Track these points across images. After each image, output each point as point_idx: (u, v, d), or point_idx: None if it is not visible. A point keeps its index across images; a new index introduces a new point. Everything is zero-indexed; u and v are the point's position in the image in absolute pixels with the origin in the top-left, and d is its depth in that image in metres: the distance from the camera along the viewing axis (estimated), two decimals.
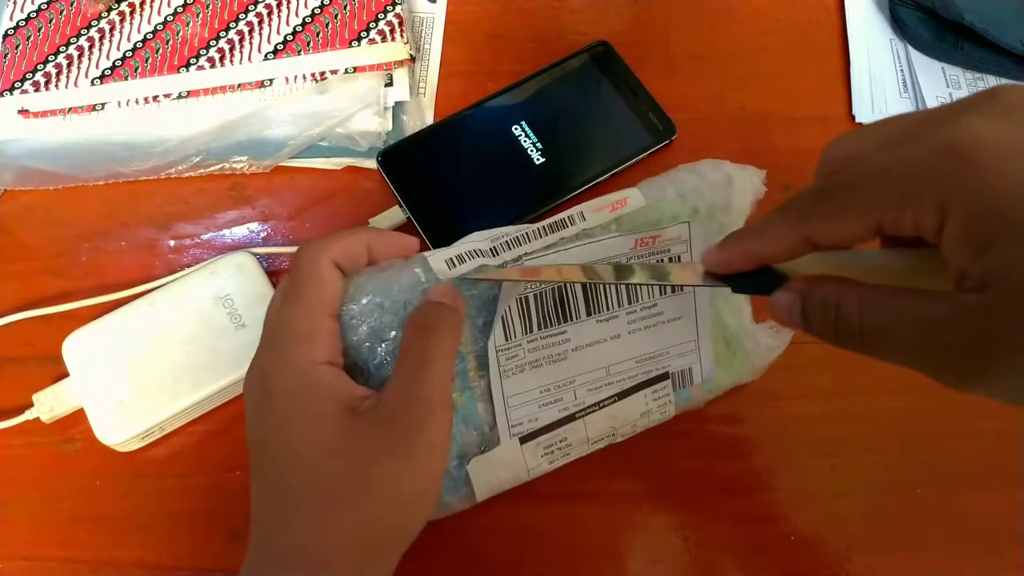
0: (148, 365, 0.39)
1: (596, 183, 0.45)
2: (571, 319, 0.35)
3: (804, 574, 0.38)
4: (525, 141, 0.46)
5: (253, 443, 0.30)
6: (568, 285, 0.34)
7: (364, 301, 0.32)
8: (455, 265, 0.33)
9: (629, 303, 0.36)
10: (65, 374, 0.39)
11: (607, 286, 0.35)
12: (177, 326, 0.40)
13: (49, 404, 0.39)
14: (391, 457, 0.28)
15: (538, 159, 0.45)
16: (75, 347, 0.39)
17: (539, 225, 0.34)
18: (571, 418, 0.36)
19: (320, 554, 0.28)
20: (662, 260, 0.35)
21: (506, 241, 0.34)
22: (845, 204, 0.23)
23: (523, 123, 0.46)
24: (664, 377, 0.37)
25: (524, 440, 0.35)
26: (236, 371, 0.39)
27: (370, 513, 0.28)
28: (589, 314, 0.35)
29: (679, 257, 0.35)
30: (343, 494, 0.28)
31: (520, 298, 0.34)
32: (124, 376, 0.39)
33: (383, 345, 0.32)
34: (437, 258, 0.33)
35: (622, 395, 0.36)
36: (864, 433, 0.40)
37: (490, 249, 0.34)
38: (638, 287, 0.35)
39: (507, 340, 0.34)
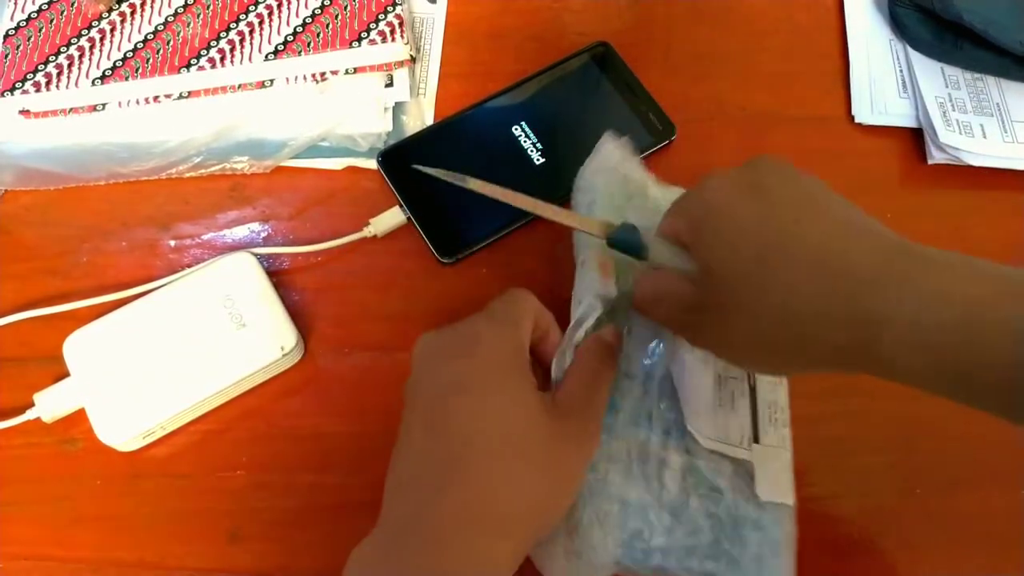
0: (148, 365, 0.39)
1: None
2: None
3: (805, 574, 0.38)
4: (525, 141, 0.46)
5: (428, 397, 0.31)
6: None
7: None
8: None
9: None
10: (66, 374, 0.39)
11: None
12: (177, 326, 0.40)
13: (50, 404, 0.39)
14: (574, 441, 0.32)
15: (538, 159, 0.46)
16: (76, 347, 0.39)
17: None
18: None
19: (494, 516, 0.29)
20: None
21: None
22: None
23: (523, 123, 0.46)
24: None
25: None
26: (236, 371, 0.39)
27: (548, 481, 0.30)
28: None
29: None
30: (535, 456, 0.30)
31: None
32: (124, 376, 0.39)
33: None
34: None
35: None
36: (864, 433, 0.40)
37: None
38: None
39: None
